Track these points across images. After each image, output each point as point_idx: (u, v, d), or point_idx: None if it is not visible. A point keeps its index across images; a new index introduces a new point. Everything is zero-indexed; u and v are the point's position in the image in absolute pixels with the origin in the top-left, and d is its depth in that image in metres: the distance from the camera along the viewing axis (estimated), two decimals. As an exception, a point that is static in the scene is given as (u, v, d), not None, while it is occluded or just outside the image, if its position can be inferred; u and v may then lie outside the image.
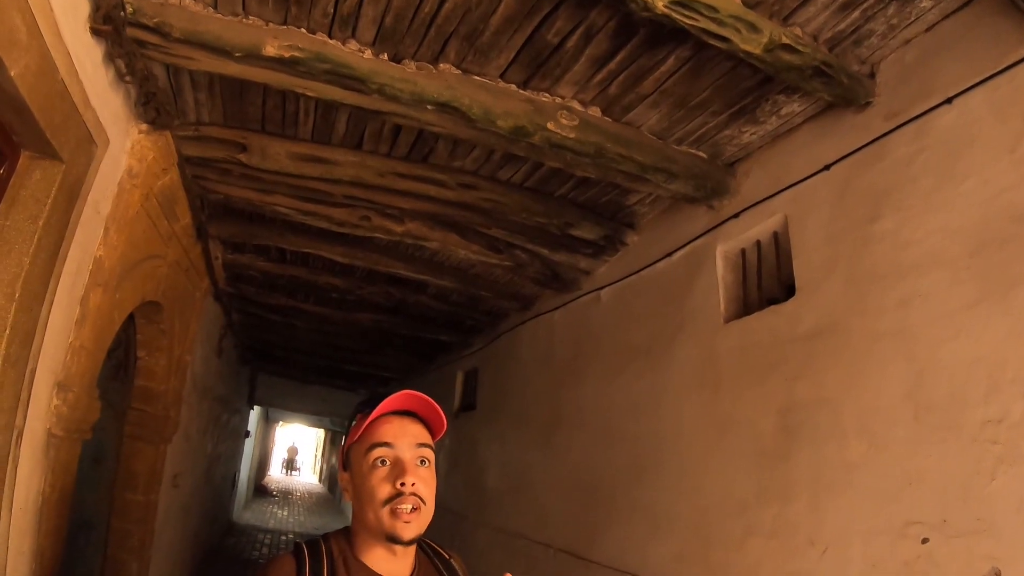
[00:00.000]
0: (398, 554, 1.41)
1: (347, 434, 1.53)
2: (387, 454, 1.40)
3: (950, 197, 2.31)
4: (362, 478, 1.41)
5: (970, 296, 2.19)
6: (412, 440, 1.43)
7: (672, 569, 3.43)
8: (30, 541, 2.61)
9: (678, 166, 3.22)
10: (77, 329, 2.81)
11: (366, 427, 1.44)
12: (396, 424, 1.44)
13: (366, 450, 1.41)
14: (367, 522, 1.39)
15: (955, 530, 2.12)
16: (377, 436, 1.42)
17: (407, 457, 1.40)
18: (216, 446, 9.13)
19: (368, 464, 1.40)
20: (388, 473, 1.38)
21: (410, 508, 1.34)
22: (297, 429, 33.19)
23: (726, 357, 3.29)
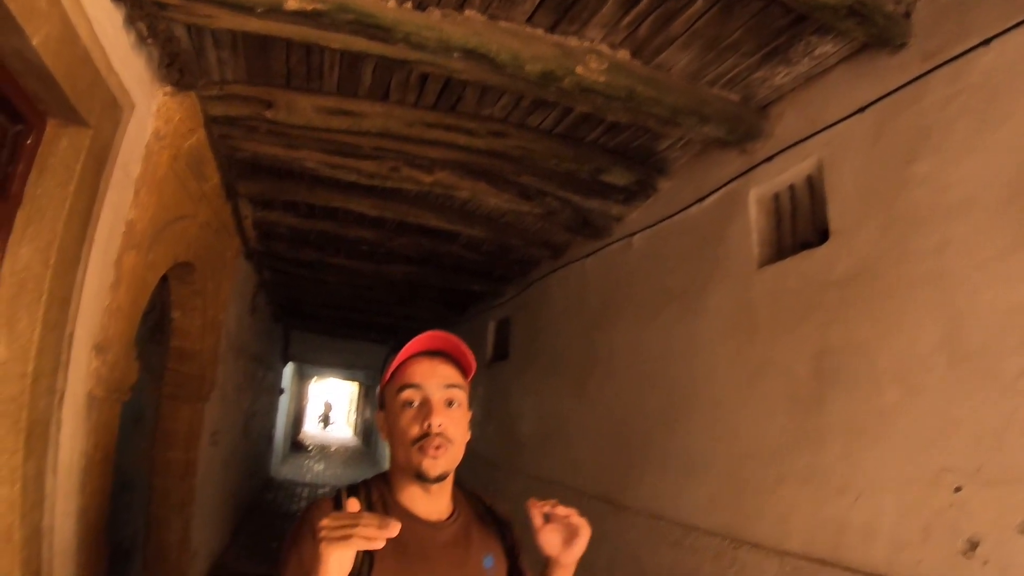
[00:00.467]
0: (432, 493, 1.45)
1: (381, 375, 1.55)
2: (415, 395, 1.43)
3: (987, 141, 2.24)
4: (393, 418, 1.45)
5: (1007, 243, 2.12)
6: (441, 381, 1.45)
7: (705, 514, 3.45)
8: (75, 501, 2.70)
9: (710, 109, 3.15)
10: (112, 292, 2.86)
11: (397, 368, 1.48)
12: (426, 365, 1.47)
13: (396, 391, 1.45)
14: (399, 461, 1.44)
15: (988, 479, 2.10)
16: (406, 377, 1.45)
17: (435, 398, 1.42)
18: (252, 403, 9.34)
19: (398, 404, 1.44)
20: (416, 413, 1.42)
21: (437, 446, 1.37)
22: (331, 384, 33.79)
23: (760, 302, 3.25)
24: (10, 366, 2.17)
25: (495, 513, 1.66)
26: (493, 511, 1.67)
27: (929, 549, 2.25)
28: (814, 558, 2.70)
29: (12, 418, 2.17)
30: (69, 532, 2.66)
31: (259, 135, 3.79)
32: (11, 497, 2.17)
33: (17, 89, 2.08)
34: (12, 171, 2.20)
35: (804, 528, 2.79)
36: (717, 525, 3.33)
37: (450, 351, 1.51)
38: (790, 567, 2.79)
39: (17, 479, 2.18)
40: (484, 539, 1.56)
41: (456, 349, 1.50)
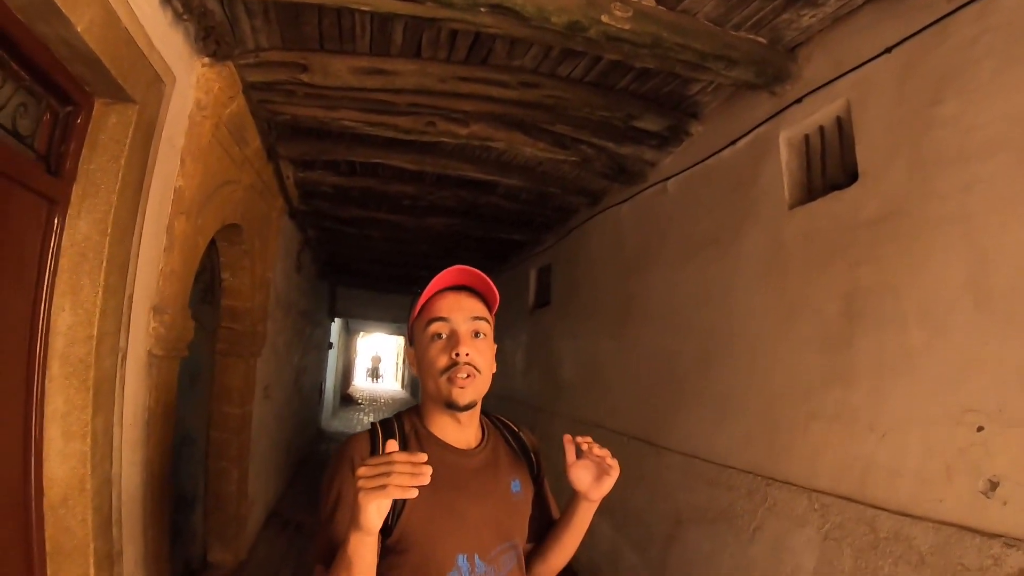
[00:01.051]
0: (463, 422, 1.55)
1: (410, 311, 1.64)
2: (443, 328, 1.50)
3: (1013, 80, 2.21)
4: (423, 351, 1.53)
5: None
6: (467, 314, 1.52)
7: (739, 453, 3.55)
8: (140, 452, 2.92)
9: (738, 52, 3.14)
10: (166, 256, 3.02)
11: (425, 303, 1.56)
12: (451, 299, 1.54)
13: (425, 325, 1.53)
14: (430, 392, 1.52)
15: (1010, 420, 2.13)
16: (434, 311, 1.52)
17: (462, 330, 1.50)
18: (302, 358, 9.59)
19: (427, 338, 1.51)
20: (445, 345, 1.49)
21: (465, 375, 1.45)
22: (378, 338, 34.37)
23: (791, 244, 3.27)
24: (77, 330, 2.35)
25: (522, 440, 1.76)
26: (520, 438, 1.76)
27: (951, 488, 2.30)
28: (842, 495, 2.78)
29: (80, 377, 2.36)
30: (136, 482, 2.88)
31: (297, 98, 3.89)
32: (82, 450, 2.37)
33: (65, 73, 2.21)
34: (65, 149, 2.36)
35: (833, 466, 2.86)
36: (750, 463, 3.43)
37: (475, 285, 1.59)
38: (819, 504, 2.89)
39: (87, 433, 2.37)
40: (512, 465, 1.65)
41: (481, 282, 1.58)
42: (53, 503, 2.35)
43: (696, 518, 3.90)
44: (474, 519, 1.47)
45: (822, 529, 2.84)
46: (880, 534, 2.55)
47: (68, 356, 2.35)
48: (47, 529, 2.35)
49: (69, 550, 2.38)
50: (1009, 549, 2.07)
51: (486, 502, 1.51)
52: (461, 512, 1.45)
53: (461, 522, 1.44)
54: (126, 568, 2.73)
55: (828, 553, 2.80)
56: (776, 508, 3.16)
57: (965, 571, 2.19)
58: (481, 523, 1.48)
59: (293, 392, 8.89)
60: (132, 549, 2.81)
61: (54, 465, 2.35)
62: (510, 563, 1.53)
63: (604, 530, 5.23)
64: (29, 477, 2.30)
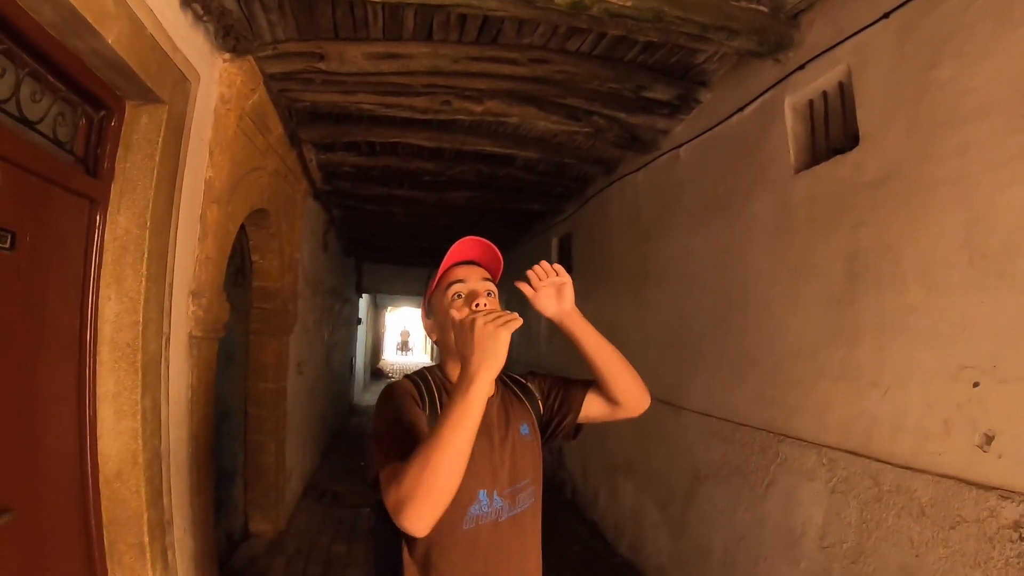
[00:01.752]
0: None
1: (426, 289, 1.86)
2: (462, 288, 1.72)
3: (1005, 44, 2.26)
4: (444, 312, 1.72)
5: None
6: (479, 276, 1.75)
7: (753, 411, 3.68)
8: (185, 428, 3.13)
9: (738, 23, 3.19)
10: (201, 244, 3.21)
11: (442, 273, 1.77)
12: (464, 268, 1.77)
13: (445, 289, 1.73)
14: (452, 348, 1.70)
15: (1004, 376, 2.21)
16: (452, 276, 1.74)
17: (479, 288, 1.72)
18: (332, 334, 9.83)
19: (448, 299, 1.72)
20: (463, 303, 1.70)
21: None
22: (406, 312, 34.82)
23: (797, 207, 3.35)
24: (123, 316, 2.54)
25: (527, 388, 1.95)
26: (525, 386, 1.96)
27: (949, 442, 2.41)
28: (848, 450, 2.91)
29: (129, 360, 2.56)
30: (183, 455, 3.10)
31: (315, 85, 4.02)
32: (134, 427, 2.58)
33: (96, 80, 2.38)
34: (101, 151, 2.54)
35: (839, 421, 2.98)
36: (763, 421, 3.56)
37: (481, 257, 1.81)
38: (827, 459, 3.02)
39: (137, 412, 2.58)
40: (519, 411, 1.84)
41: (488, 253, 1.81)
42: (108, 477, 2.57)
43: (713, 475, 4.06)
44: (493, 461, 1.67)
45: (830, 483, 2.98)
46: (883, 487, 2.67)
47: (116, 341, 2.55)
48: (103, 501, 2.58)
49: (124, 519, 2.61)
50: (1004, 501, 2.17)
51: (503, 446, 1.71)
52: (483, 454, 1.63)
53: (483, 463, 1.63)
54: (176, 535, 2.96)
55: (835, 505, 2.94)
56: (787, 463, 3.30)
57: (963, 522, 2.31)
58: (499, 464, 1.68)
59: (324, 368, 9.13)
60: (180, 518, 3.03)
61: (107, 442, 2.56)
62: (527, 501, 1.72)
63: (628, 490, 5.42)
64: (85, 454, 2.51)
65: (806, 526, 3.12)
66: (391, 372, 25.56)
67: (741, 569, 3.64)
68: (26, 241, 2.12)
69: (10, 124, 2.04)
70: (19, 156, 2.03)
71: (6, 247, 2.03)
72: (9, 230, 2.04)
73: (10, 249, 2.05)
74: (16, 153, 2.02)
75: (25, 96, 2.10)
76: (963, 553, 2.30)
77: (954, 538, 2.34)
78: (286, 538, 5.60)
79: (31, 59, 2.09)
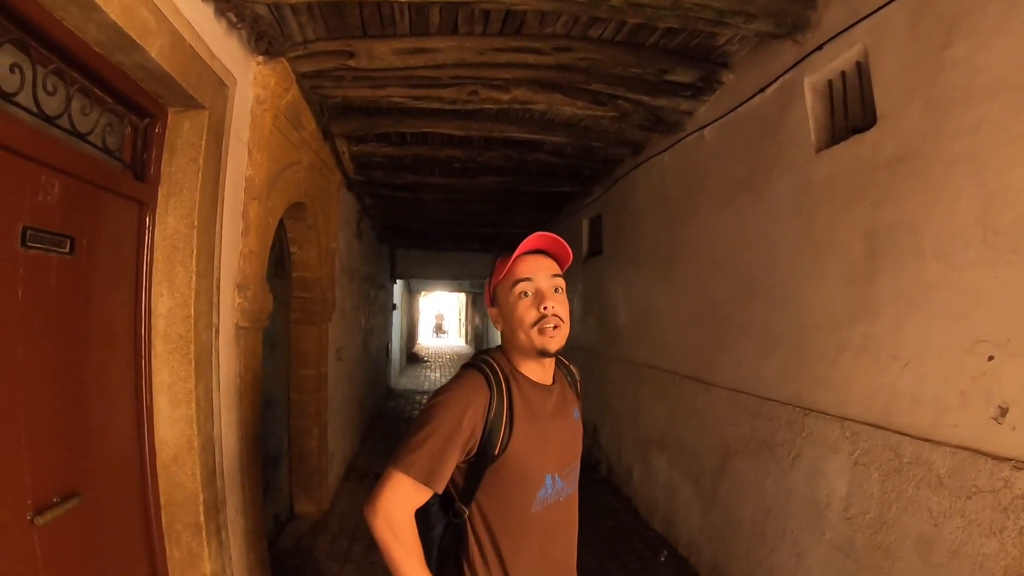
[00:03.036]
0: (545, 365, 1.82)
1: (491, 277, 1.85)
2: (529, 287, 1.71)
3: (1017, 22, 2.28)
4: (510, 309, 1.74)
5: None
6: (547, 273, 1.73)
7: (778, 385, 3.76)
8: (235, 414, 3.32)
9: (755, 6, 3.25)
10: (244, 239, 3.37)
11: (509, 267, 1.75)
12: (532, 261, 1.75)
13: (511, 285, 1.73)
14: (519, 343, 1.74)
15: (1017, 349, 2.27)
16: (519, 273, 1.73)
17: (545, 287, 1.72)
18: (368, 320, 10.06)
19: (515, 296, 1.72)
20: (532, 301, 1.71)
21: (553, 326, 1.69)
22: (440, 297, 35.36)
23: (818, 185, 3.41)
24: (175, 311, 2.72)
25: (573, 374, 2.07)
26: (572, 372, 2.07)
27: (965, 414, 2.48)
28: (869, 423, 2.99)
29: (182, 352, 2.73)
30: (233, 439, 3.28)
31: (346, 81, 4.16)
32: (189, 414, 2.76)
33: (140, 91, 2.54)
34: (148, 157, 2.71)
35: (861, 395, 3.06)
36: (788, 395, 3.65)
37: (551, 249, 1.79)
38: (849, 432, 3.11)
39: (191, 400, 2.76)
40: (571, 395, 1.95)
41: (557, 246, 1.78)
42: (165, 461, 2.76)
43: (741, 449, 4.17)
44: (556, 443, 1.77)
45: (852, 455, 3.07)
46: (904, 459, 2.75)
47: (169, 334, 2.73)
48: (160, 484, 2.77)
49: (181, 501, 2.79)
50: (1018, 472, 2.24)
51: (562, 429, 1.81)
52: (548, 438, 1.74)
53: (548, 445, 1.74)
54: (228, 515, 3.15)
55: (858, 477, 3.03)
56: (812, 437, 3.39)
57: (979, 492, 2.39)
58: (561, 447, 1.79)
59: (362, 353, 9.35)
60: (232, 498, 3.22)
61: (163, 428, 2.74)
62: (575, 477, 1.85)
63: (661, 466, 5.53)
64: (143, 441, 2.70)
65: (830, 498, 3.22)
66: (427, 356, 25.95)
67: (769, 541, 3.75)
68: (83, 245, 2.28)
69: (64, 138, 2.19)
70: (74, 167, 2.18)
71: (66, 252, 2.19)
72: (68, 235, 2.20)
73: (70, 253, 2.21)
74: (71, 165, 2.17)
75: (76, 111, 2.25)
76: (979, 523, 2.38)
77: (971, 508, 2.42)
78: (330, 518, 5.82)
79: (80, 76, 2.24)
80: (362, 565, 4.83)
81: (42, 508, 2.00)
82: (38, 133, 2.02)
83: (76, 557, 2.21)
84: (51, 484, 2.09)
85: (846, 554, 3.08)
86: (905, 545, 2.73)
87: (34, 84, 2.01)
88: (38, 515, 1.97)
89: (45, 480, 2.06)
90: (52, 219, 2.10)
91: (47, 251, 2.10)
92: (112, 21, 2.03)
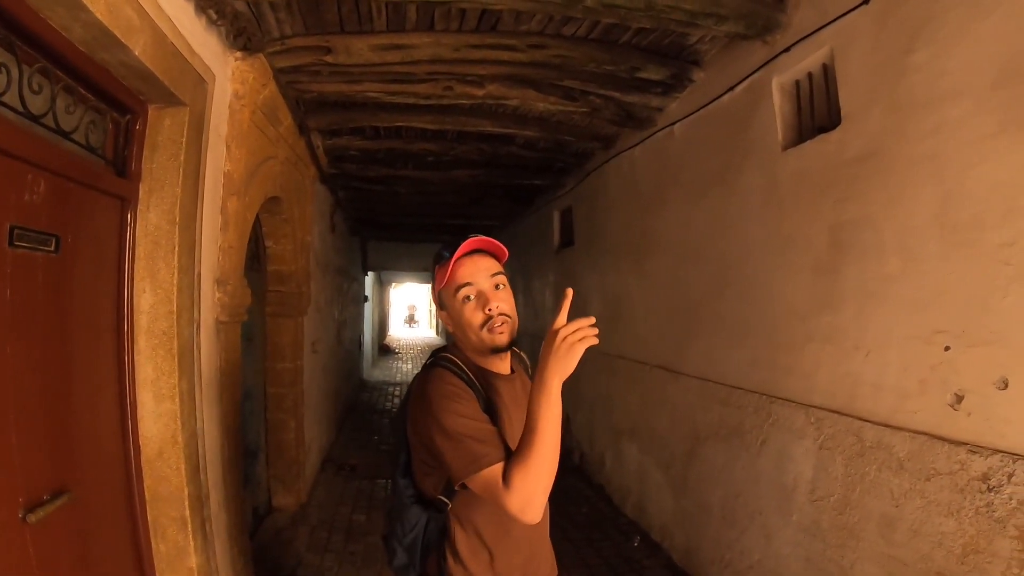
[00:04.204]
0: (502, 357, 1.89)
1: (433, 282, 1.90)
2: (471, 291, 1.76)
3: (976, 31, 2.38)
4: (457, 313, 1.79)
5: (993, 126, 2.31)
6: (486, 273, 1.78)
7: (747, 374, 3.90)
8: (216, 408, 3.35)
9: (725, 9, 3.33)
10: (223, 234, 3.39)
11: (450, 273, 1.78)
12: (471, 264, 1.78)
13: (454, 291, 1.78)
14: (472, 343, 1.80)
15: (972, 340, 2.40)
16: (460, 279, 1.77)
17: (486, 287, 1.77)
18: (341, 312, 10.07)
19: (459, 301, 1.77)
20: (476, 304, 1.76)
21: (500, 324, 1.76)
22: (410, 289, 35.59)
23: (785, 182, 3.52)
24: (158, 307, 2.75)
25: (524, 360, 2.15)
26: (522, 358, 2.15)
27: (924, 401, 2.62)
28: (833, 409, 3.13)
29: (166, 347, 2.76)
30: (215, 433, 3.31)
31: (322, 77, 4.19)
32: (173, 409, 2.79)
33: (121, 88, 2.55)
34: (129, 153, 2.72)
35: (826, 383, 3.19)
36: (756, 383, 3.79)
37: (487, 248, 1.83)
38: (814, 418, 3.24)
39: (175, 395, 2.79)
40: (529, 382, 1.99)
41: (490, 245, 1.82)
42: (150, 457, 2.78)
43: (711, 436, 4.30)
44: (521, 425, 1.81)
45: (818, 440, 3.20)
46: (866, 443, 2.89)
47: (153, 330, 2.75)
48: (146, 480, 2.79)
49: (166, 495, 2.82)
50: (973, 455, 2.38)
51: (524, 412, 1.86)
52: (517, 420, 1.80)
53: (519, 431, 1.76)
54: (212, 509, 3.17)
55: (823, 461, 3.16)
56: (779, 423, 3.52)
57: (937, 475, 2.52)
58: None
59: (336, 346, 9.38)
60: (215, 493, 3.25)
61: (148, 424, 2.77)
62: None
63: (633, 453, 5.66)
64: (128, 437, 2.72)
65: (797, 481, 3.35)
66: (398, 348, 25.93)
67: (739, 524, 3.89)
68: (68, 243, 2.29)
69: (48, 136, 2.20)
70: (59, 165, 2.19)
71: (51, 250, 2.20)
72: (54, 234, 2.21)
73: (55, 252, 2.22)
74: (56, 163, 2.17)
75: (60, 109, 2.26)
76: (938, 503, 2.51)
77: (930, 489, 2.55)
78: (308, 510, 5.87)
79: (64, 74, 2.25)
80: (342, 555, 4.89)
81: (33, 506, 2.02)
82: (24, 132, 2.03)
83: (66, 554, 2.23)
84: (41, 482, 2.11)
85: (812, 535, 3.21)
86: (868, 525, 2.86)
87: (20, 83, 2.02)
88: (30, 513, 1.99)
89: (35, 478, 2.08)
90: (38, 218, 2.12)
91: (33, 250, 2.11)
92: (98, 20, 2.04)
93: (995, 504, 2.28)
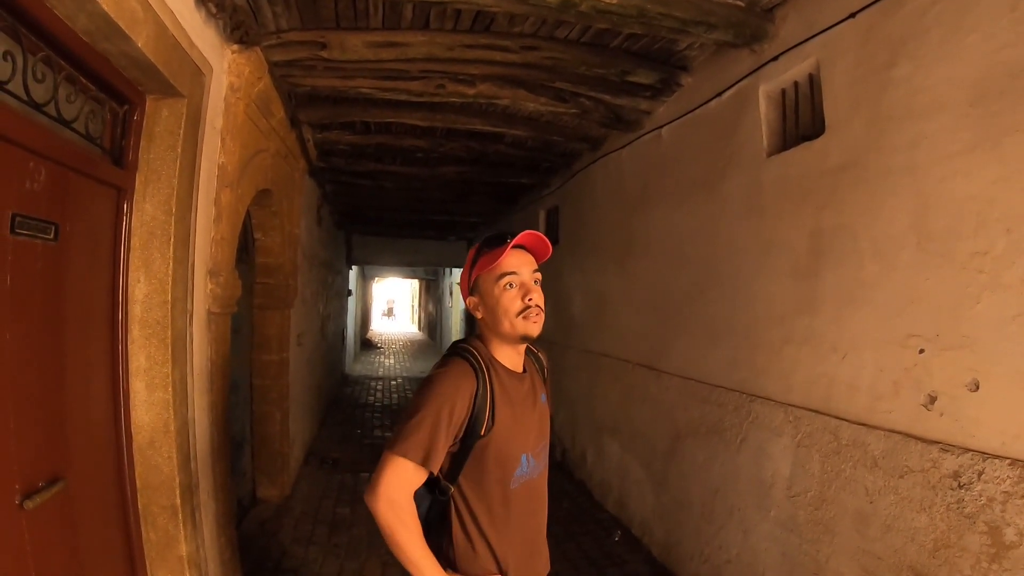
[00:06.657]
0: (519, 352, 1.99)
1: (472, 266, 1.96)
2: (515, 280, 1.87)
3: (956, 49, 2.48)
4: (495, 299, 1.87)
5: (968, 141, 2.41)
6: (530, 268, 1.90)
7: (726, 373, 4.00)
8: (207, 398, 3.38)
9: (716, 17, 3.41)
10: (216, 226, 3.42)
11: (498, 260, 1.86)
12: (517, 256, 1.89)
13: (497, 278, 1.87)
14: (502, 330, 1.88)
15: (945, 344, 2.51)
16: (506, 267, 1.87)
17: (528, 280, 1.89)
18: (326, 306, 10.11)
19: (500, 288, 1.86)
20: (517, 292, 1.86)
21: (536, 314, 1.87)
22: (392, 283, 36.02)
23: (768, 187, 3.61)
24: (153, 297, 2.77)
25: (540, 360, 2.23)
26: (539, 359, 2.23)
27: (898, 402, 2.72)
28: (811, 408, 3.22)
29: (160, 337, 2.79)
30: (206, 423, 3.34)
31: (317, 71, 4.23)
32: (165, 398, 2.82)
33: (121, 78, 2.57)
34: (126, 144, 2.74)
35: (804, 382, 3.29)
36: (736, 382, 3.88)
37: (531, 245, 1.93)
38: (792, 416, 3.34)
39: (168, 384, 2.82)
40: (539, 380, 2.12)
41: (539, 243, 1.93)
42: (141, 445, 2.80)
43: (692, 433, 4.39)
44: (528, 425, 1.95)
45: (795, 438, 3.29)
46: (842, 441, 2.99)
47: (147, 320, 2.78)
48: (137, 468, 2.80)
49: (157, 484, 2.84)
50: (944, 454, 2.47)
51: (533, 412, 1.99)
52: (523, 420, 1.92)
53: (523, 428, 1.91)
54: (201, 498, 3.20)
55: (801, 458, 3.25)
56: (758, 421, 3.62)
57: (910, 472, 2.62)
58: (532, 428, 1.97)
59: (320, 339, 9.40)
60: (205, 482, 3.28)
61: (140, 412, 2.79)
62: (546, 456, 2.06)
63: (614, 450, 5.74)
64: (120, 425, 2.74)
65: (775, 478, 3.44)
66: (380, 343, 26.00)
67: (718, 519, 3.98)
68: (67, 231, 2.31)
69: (50, 125, 2.23)
70: (59, 154, 2.21)
71: (50, 238, 2.23)
72: (53, 222, 2.24)
73: (54, 240, 2.25)
74: (57, 152, 2.20)
75: (62, 98, 2.29)
76: (911, 499, 2.61)
77: (903, 486, 2.64)
78: (292, 502, 5.90)
79: (66, 63, 2.28)
80: (326, 547, 4.93)
81: (30, 492, 2.05)
82: (27, 120, 2.05)
83: (59, 541, 2.25)
84: (37, 469, 2.14)
85: (789, 530, 3.31)
86: (844, 520, 2.95)
87: (24, 72, 2.04)
88: (27, 499, 2.01)
89: (32, 464, 2.11)
90: (39, 206, 2.14)
91: (33, 237, 2.13)
92: (103, 11, 2.06)
93: (965, 501, 2.37)
